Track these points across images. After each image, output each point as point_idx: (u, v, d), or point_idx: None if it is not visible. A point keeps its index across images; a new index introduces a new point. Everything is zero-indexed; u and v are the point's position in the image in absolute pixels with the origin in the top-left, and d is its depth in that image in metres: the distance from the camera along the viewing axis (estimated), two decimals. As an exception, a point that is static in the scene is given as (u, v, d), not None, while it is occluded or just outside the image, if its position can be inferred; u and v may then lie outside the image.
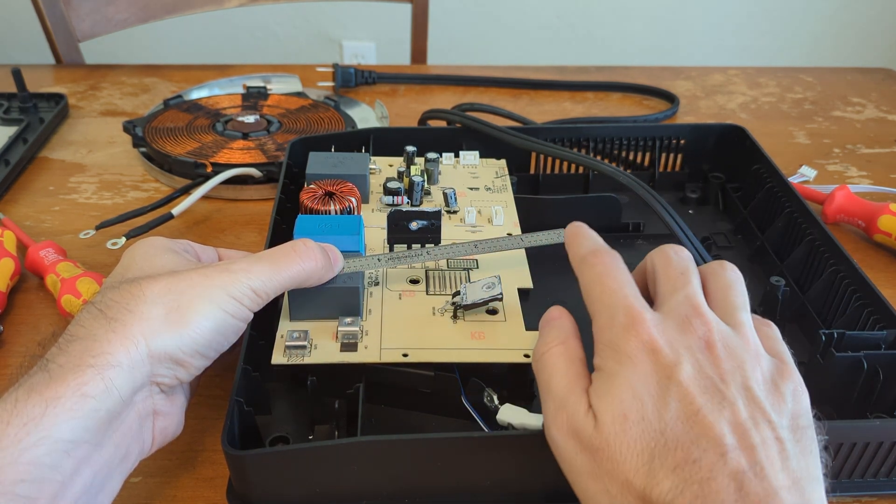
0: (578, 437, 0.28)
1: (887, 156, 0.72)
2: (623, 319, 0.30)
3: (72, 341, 0.31)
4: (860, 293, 0.43)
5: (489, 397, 0.37)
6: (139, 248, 0.36)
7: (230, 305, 0.33)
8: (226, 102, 0.74)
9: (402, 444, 0.33)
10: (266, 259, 0.35)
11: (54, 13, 0.94)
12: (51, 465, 0.28)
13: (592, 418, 0.28)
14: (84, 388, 0.29)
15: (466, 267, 0.44)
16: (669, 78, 0.88)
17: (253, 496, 0.34)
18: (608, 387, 0.28)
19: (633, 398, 0.28)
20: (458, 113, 0.60)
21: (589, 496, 0.28)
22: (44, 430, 0.28)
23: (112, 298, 0.32)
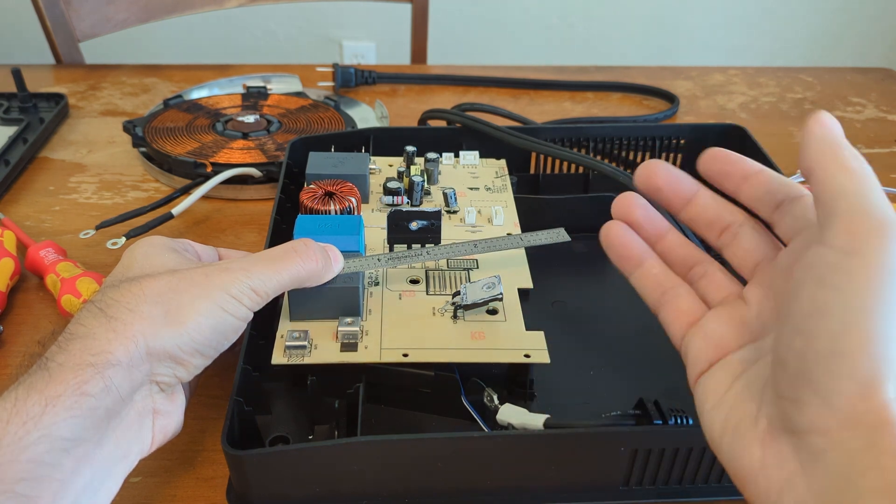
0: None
1: (887, 156, 0.72)
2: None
3: (71, 340, 0.31)
4: (860, 293, 0.43)
5: (489, 397, 0.37)
6: (140, 248, 0.36)
7: (230, 305, 0.33)
8: (226, 102, 0.74)
9: (402, 444, 0.33)
10: (266, 259, 0.35)
11: (54, 13, 0.94)
12: (51, 464, 0.28)
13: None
14: (84, 387, 0.29)
15: (466, 267, 0.44)
16: (669, 78, 0.88)
17: (253, 496, 0.34)
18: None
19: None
20: (458, 113, 0.60)
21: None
22: (44, 428, 0.28)
23: (112, 297, 0.32)
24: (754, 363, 0.28)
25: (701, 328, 0.30)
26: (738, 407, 0.27)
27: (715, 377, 0.28)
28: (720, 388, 0.28)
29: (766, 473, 0.24)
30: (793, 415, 0.24)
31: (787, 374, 0.24)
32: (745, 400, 0.27)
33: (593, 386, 0.42)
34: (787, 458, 0.24)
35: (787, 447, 0.24)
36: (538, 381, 0.41)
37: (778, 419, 0.25)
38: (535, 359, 0.37)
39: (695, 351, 0.30)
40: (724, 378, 0.28)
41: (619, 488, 0.36)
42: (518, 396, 0.40)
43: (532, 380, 0.40)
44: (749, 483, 0.25)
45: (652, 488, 0.36)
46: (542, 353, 0.38)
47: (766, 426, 0.25)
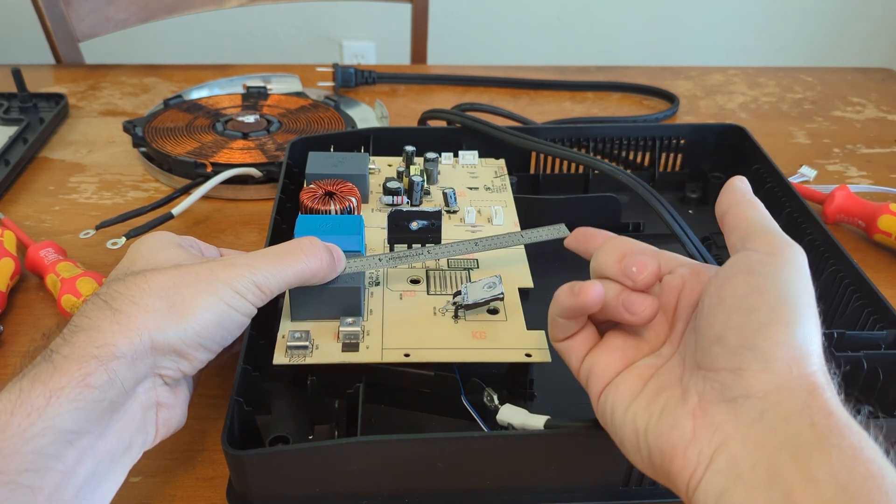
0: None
1: (887, 156, 0.72)
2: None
3: (76, 332, 0.31)
4: (860, 293, 0.43)
5: (489, 397, 0.37)
6: (145, 242, 0.37)
7: (233, 299, 0.33)
8: (226, 102, 0.74)
9: (402, 444, 0.33)
10: (271, 255, 0.35)
11: (54, 13, 0.94)
12: (54, 455, 0.28)
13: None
14: (87, 379, 0.29)
15: (467, 267, 0.44)
16: (669, 78, 0.88)
17: (253, 496, 0.34)
18: None
19: None
20: (458, 113, 0.60)
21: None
22: (47, 419, 0.28)
23: (117, 290, 0.32)
24: (659, 367, 0.31)
25: (605, 345, 0.33)
26: (659, 396, 0.29)
27: (624, 383, 0.31)
28: (633, 390, 0.31)
29: (698, 442, 0.27)
30: (733, 383, 0.27)
31: (727, 348, 0.27)
32: (664, 389, 0.29)
33: (593, 386, 0.42)
34: (720, 423, 0.27)
35: (720, 415, 0.27)
36: (538, 381, 0.41)
37: (712, 392, 0.27)
38: (537, 358, 0.37)
39: (602, 364, 0.32)
40: (634, 382, 0.31)
41: (619, 488, 0.36)
42: (518, 396, 0.40)
43: (532, 380, 0.40)
44: (678, 455, 0.27)
45: (652, 488, 0.36)
46: (543, 353, 0.38)
47: (697, 401, 0.28)
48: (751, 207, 0.32)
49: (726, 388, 0.27)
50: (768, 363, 0.26)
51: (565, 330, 0.34)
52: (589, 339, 0.34)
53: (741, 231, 0.31)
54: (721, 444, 0.26)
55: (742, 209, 0.32)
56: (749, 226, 0.31)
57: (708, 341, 0.28)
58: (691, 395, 0.28)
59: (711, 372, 0.28)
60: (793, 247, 0.29)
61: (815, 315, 0.28)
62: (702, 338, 0.29)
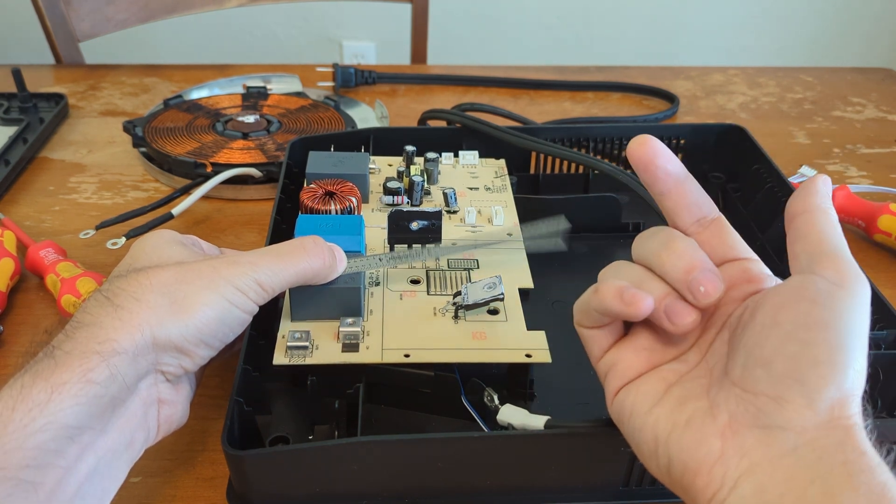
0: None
1: (887, 156, 0.72)
2: None
3: (78, 328, 0.31)
4: (860, 293, 0.43)
5: (489, 397, 0.37)
6: (148, 240, 0.37)
7: (235, 297, 0.33)
8: (226, 102, 0.74)
9: (402, 444, 0.33)
10: (273, 253, 0.35)
11: (54, 13, 0.94)
12: (55, 451, 0.28)
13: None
14: (89, 375, 0.29)
15: (467, 267, 0.44)
16: (669, 78, 0.88)
17: (253, 496, 0.34)
18: None
19: None
20: (458, 113, 0.60)
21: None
22: (49, 415, 0.28)
23: (119, 286, 0.32)
24: (684, 374, 0.30)
25: (631, 344, 0.32)
26: (684, 406, 0.28)
27: (646, 385, 0.30)
28: (655, 393, 0.29)
29: (725, 463, 0.26)
30: (771, 412, 0.26)
31: (773, 375, 0.26)
32: (690, 399, 0.28)
33: (593, 386, 0.42)
34: (750, 448, 0.26)
35: (752, 440, 0.26)
36: (538, 381, 0.41)
37: (747, 415, 0.26)
38: (537, 358, 0.37)
39: (626, 363, 0.31)
40: (656, 385, 0.30)
41: (619, 488, 0.36)
42: (518, 396, 0.40)
43: (532, 380, 0.40)
44: (702, 472, 0.26)
45: (652, 488, 0.36)
46: (543, 353, 0.38)
47: (727, 421, 0.27)
48: (825, 219, 0.30)
49: (763, 414, 0.26)
50: (813, 401, 0.25)
51: (594, 321, 0.32)
52: (615, 333, 0.32)
53: (810, 246, 0.29)
54: (749, 470, 0.25)
55: (816, 219, 0.30)
56: (820, 244, 0.29)
57: (753, 362, 0.27)
58: (721, 412, 0.27)
59: (749, 394, 0.27)
60: (861, 280, 0.28)
61: (865, 356, 0.27)
62: (746, 356, 0.27)
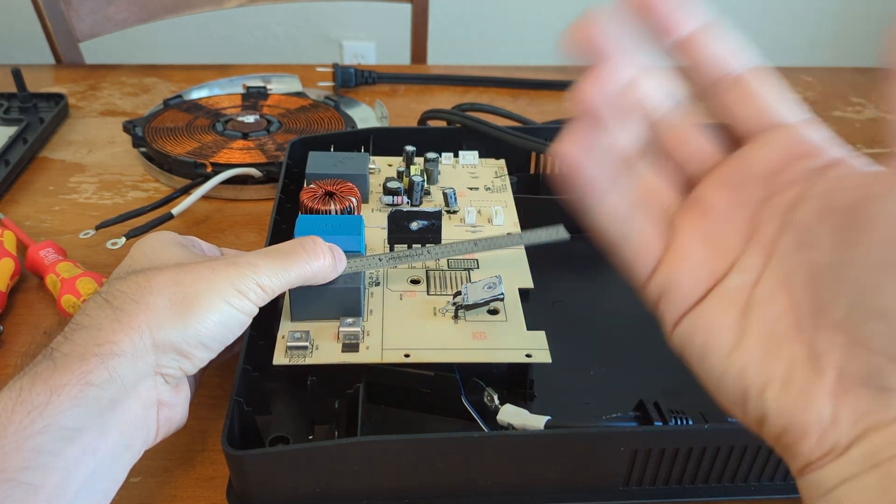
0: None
1: (887, 156, 0.72)
2: None
3: (77, 330, 0.31)
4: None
5: (489, 397, 0.37)
6: (148, 241, 0.37)
7: (235, 299, 0.33)
8: (226, 102, 0.74)
9: (402, 444, 0.33)
10: (274, 254, 0.35)
11: (54, 13, 0.94)
12: (55, 453, 0.28)
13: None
14: (88, 377, 0.29)
15: (467, 267, 0.44)
16: (669, 78, 0.88)
17: (253, 496, 0.34)
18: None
19: None
20: (458, 113, 0.60)
21: None
22: (48, 417, 0.28)
23: (119, 289, 0.32)
24: (754, 289, 0.24)
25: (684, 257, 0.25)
26: (774, 353, 0.23)
27: (716, 314, 0.24)
28: (731, 325, 0.24)
29: (838, 428, 0.22)
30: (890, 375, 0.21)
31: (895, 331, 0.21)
32: (779, 344, 0.23)
33: (593, 386, 0.42)
34: (865, 412, 0.22)
35: (867, 402, 0.22)
36: (538, 381, 0.41)
37: (861, 375, 0.22)
38: (537, 358, 0.37)
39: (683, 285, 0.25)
40: (728, 311, 0.24)
41: (619, 488, 0.36)
42: (518, 396, 0.40)
43: (532, 380, 0.40)
44: (810, 437, 0.23)
45: (652, 488, 0.36)
46: (543, 353, 0.38)
47: (836, 378, 0.22)
48: None
49: (881, 375, 0.22)
50: None
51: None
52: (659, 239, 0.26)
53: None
54: (862, 435, 0.22)
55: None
56: None
57: (866, 311, 0.22)
58: (827, 366, 0.22)
59: (863, 349, 0.22)
60: None
61: None
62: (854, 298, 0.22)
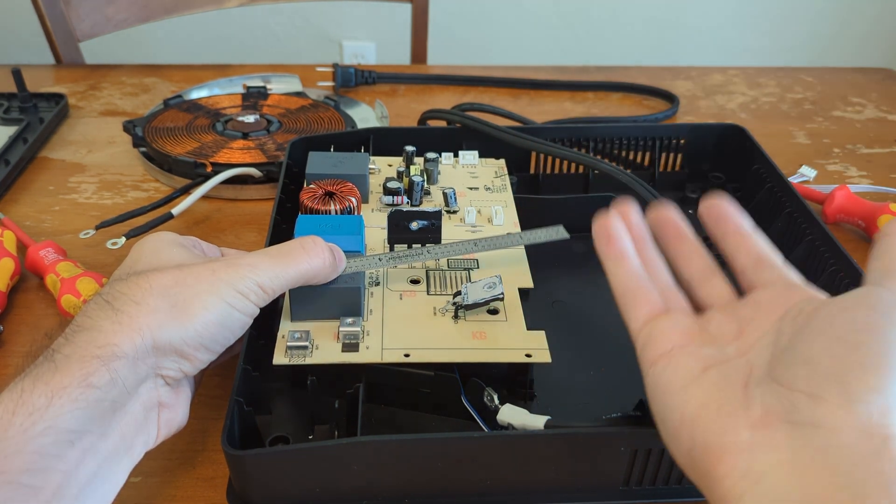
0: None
1: (887, 156, 0.72)
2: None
3: (78, 332, 0.31)
4: (860, 293, 0.43)
5: (489, 397, 0.37)
6: (148, 242, 0.37)
7: (236, 300, 0.33)
8: (226, 102, 0.74)
9: (402, 444, 0.33)
10: (274, 255, 0.35)
11: (54, 13, 0.94)
12: (56, 455, 0.28)
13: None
14: (89, 379, 0.29)
15: (467, 267, 0.44)
16: (669, 78, 0.88)
17: (253, 496, 0.34)
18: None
19: None
20: (458, 113, 0.60)
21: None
22: (49, 419, 0.28)
23: (119, 290, 0.32)
24: (723, 362, 0.29)
25: (670, 317, 0.32)
26: (716, 393, 0.28)
27: (682, 361, 0.30)
28: (691, 371, 0.29)
29: (751, 455, 0.26)
30: (804, 408, 0.25)
31: (814, 373, 0.26)
32: (723, 388, 0.28)
33: (593, 386, 0.42)
34: (779, 444, 0.25)
35: (782, 435, 0.25)
36: (538, 381, 0.41)
37: (779, 408, 0.26)
38: (537, 358, 0.37)
39: (662, 332, 0.31)
40: (692, 364, 0.30)
41: (619, 488, 0.36)
42: (518, 396, 0.40)
43: (532, 380, 0.40)
44: (726, 460, 0.26)
45: (652, 488, 0.36)
46: (543, 353, 0.38)
47: (761, 413, 0.26)
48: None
49: (796, 409, 0.25)
50: (851, 403, 0.25)
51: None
52: (655, 305, 0.33)
53: (887, 263, 0.29)
54: (774, 466, 0.25)
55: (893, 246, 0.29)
56: (893, 264, 0.29)
57: (797, 359, 0.27)
58: (756, 405, 0.27)
59: (786, 390, 0.26)
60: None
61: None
62: (791, 354, 0.27)
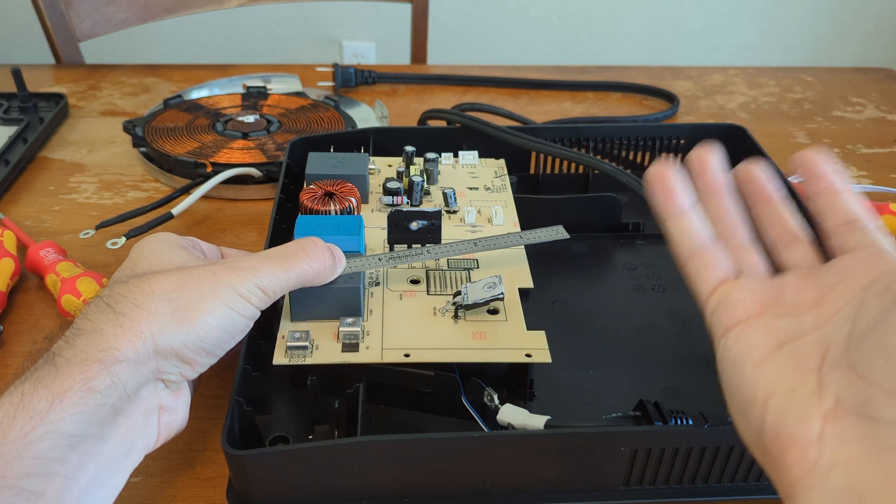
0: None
1: (887, 156, 0.72)
2: None
3: (79, 335, 0.31)
4: (860, 293, 0.43)
5: (489, 397, 0.37)
6: (148, 244, 0.37)
7: (237, 303, 0.33)
8: (226, 102, 0.74)
9: (402, 444, 0.33)
10: (274, 257, 0.35)
11: (54, 13, 0.94)
12: (56, 459, 0.28)
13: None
14: (90, 383, 0.29)
15: (467, 267, 0.44)
16: (669, 78, 0.88)
17: (253, 496, 0.34)
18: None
19: None
20: (458, 113, 0.60)
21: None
22: (49, 423, 0.28)
23: (120, 293, 0.32)
24: (798, 337, 0.28)
25: (743, 283, 0.30)
26: (792, 373, 0.27)
27: (756, 334, 0.28)
28: (763, 347, 0.28)
29: (822, 447, 0.25)
30: (881, 404, 0.24)
31: (892, 366, 0.24)
32: (798, 370, 0.27)
33: (593, 386, 0.42)
34: (851, 438, 0.24)
35: (855, 429, 0.24)
36: (538, 381, 0.41)
37: (855, 402, 0.25)
38: (537, 358, 0.37)
39: (736, 299, 0.30)
40: (766, 338, 0.28)
41: (619, 488, 0.36)
42: (518, 396, 0.40)
43: (532, 380, 0.40)
44: (796, 448, 0.25)
45: (652, 488, 0.36)
46: (543, 353, 0.38)
47: (833, 404, 0.25)
48: None
49: (871, 405, 0.24)
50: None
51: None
52: (725, 268, 0.31)
53: None
54: (846, 462, 0.24)
55: None
56: None
57: (876, 350, 0.25)
58: (828, 393, 0.25)
59: (863, 381, 0.25)
60: None
61: None
62: (870, 341, 0.25)
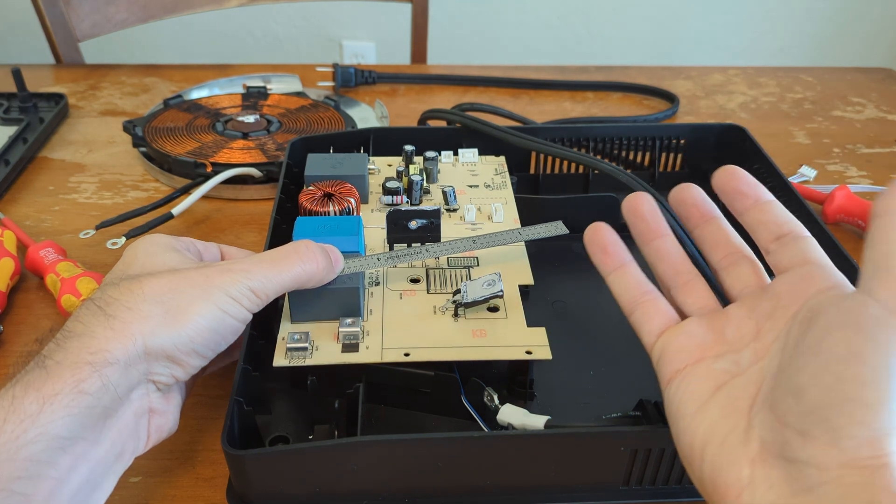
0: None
1: (887, 156, 0.72)
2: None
3: (70, 338, 0.31)
4: (860, 293, 0.43)
5: (489, 397, 0.37)
6: (141, 245, 0.36)
7: (229, 306, 0.33)
8: (226, 102, 0.74)
9: (402, 444, 0.33)
10: (267, 260, 0.35)
11: (54, 13, 0.94)
12: (47, 462, 0.28)
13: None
14: (81, 385, 0.29)
15: (467, 265, 0.44)
16: (669, 78, 0.88)
17: (253, 496, 0.34)
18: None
19: None
20: (458, 113, 0.60)
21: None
22: (41, 426, 0.28)
23: (111, 295, 0.32)
24: (735, 376, 0.29)
25: (682, 328, 0.32)
26: (724, 420, 0.27)
27: (695, 381, 0.29)
28: (702, 394, 0.29)
29: (752, 491, 0.25)
30: (795, 445, 0.25)
31: (802, 406, 0.25)
32: (730, 414, 0.28)
33: (593, 386, 0.42)
34: (777, 482, 0.25)
35: (778, 472, 0.25)
36: (538, 381, 0.41)
37: (774, 445, 0.26)
38: (537, 355, 0.37)
39: (675, 348, 0.31)
40: (704, 384, 0.29)
41: (619, 488, 0.36)
42: (518, 396, 0.40)
43: (532, 379, 0.40)
44: (731, 495, 0.26)
45: (652, 488, 0.36)
46: (543, 350, 0.38)
47: (758, 449, 0.26)
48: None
49: (788, 447, 0.25)
50: (839, 440, 0.24)
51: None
52: (665, 316, 0.32)
53: (877, 256, 0.25)
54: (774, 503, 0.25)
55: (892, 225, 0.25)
56: (888, 256, 0.25)
57: (787, 388, 0.26)
58: (754, 436, 0.26)
59: (780, 424, 0.26)
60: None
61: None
62: (784, 379, 0.26)
